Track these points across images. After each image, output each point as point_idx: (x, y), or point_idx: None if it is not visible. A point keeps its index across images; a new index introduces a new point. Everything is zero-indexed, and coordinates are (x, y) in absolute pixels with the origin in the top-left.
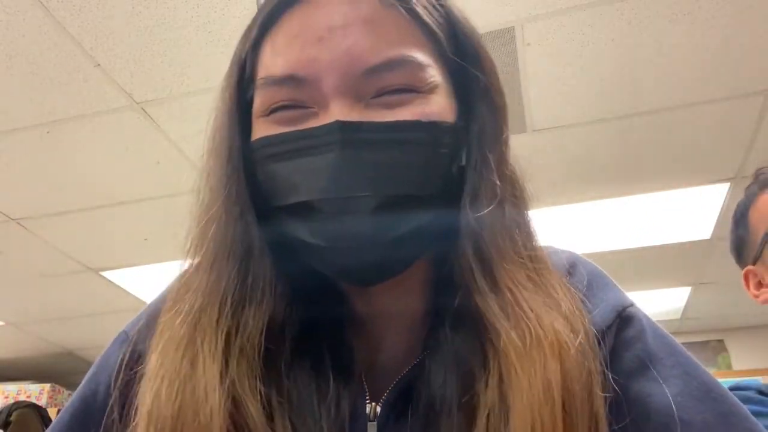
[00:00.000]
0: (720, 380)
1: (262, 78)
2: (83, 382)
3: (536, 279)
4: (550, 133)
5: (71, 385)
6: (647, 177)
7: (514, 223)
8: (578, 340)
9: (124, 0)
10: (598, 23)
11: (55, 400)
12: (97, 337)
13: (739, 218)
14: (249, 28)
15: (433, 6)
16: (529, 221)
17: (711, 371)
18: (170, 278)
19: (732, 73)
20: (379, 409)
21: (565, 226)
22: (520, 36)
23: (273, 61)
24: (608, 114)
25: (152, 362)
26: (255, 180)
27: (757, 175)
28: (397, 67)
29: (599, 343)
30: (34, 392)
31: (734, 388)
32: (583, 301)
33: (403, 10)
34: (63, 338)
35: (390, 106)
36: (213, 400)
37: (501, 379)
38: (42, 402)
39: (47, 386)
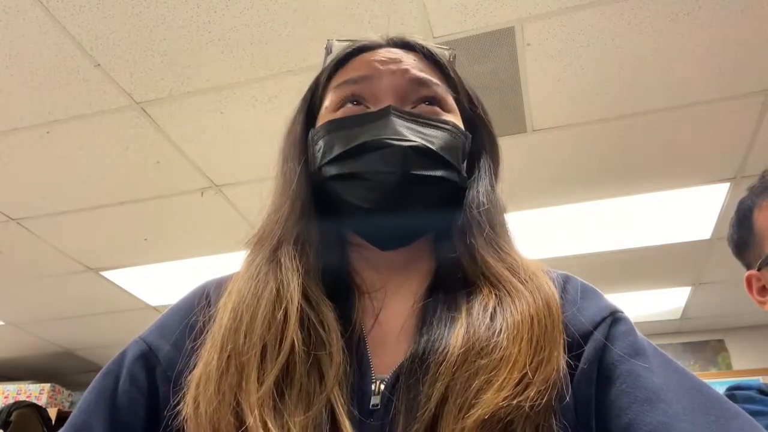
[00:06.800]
0: (720, 380)
1: (339, 83)
2: (101, 373)
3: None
4: (550, 133)
5: (71, 385)
6: (647, 177)
7: (500, 219)
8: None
9: (124, 0)
10: (598, 23)
11: (55, 400)
12: (97, 337)
13: (742, 218)
14: (323, 71)
15: (449, 63)
16: (506, 221)
17: (711, 371)
18: (169, 278)
19: (732, 73)
20: (383, 386)
21: (565, 226)
22: (520, 36)
23: (347, 74)
24: (608, 114)
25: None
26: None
27: (764, 175)
28: (433, 85)
29: (591, 333)
30: (34, 392)
31: (735, 388)
32: (575, 303)
33: (433, 63)
34: (63, 338)
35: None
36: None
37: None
38: (42, 402)
39: (47, 386)
